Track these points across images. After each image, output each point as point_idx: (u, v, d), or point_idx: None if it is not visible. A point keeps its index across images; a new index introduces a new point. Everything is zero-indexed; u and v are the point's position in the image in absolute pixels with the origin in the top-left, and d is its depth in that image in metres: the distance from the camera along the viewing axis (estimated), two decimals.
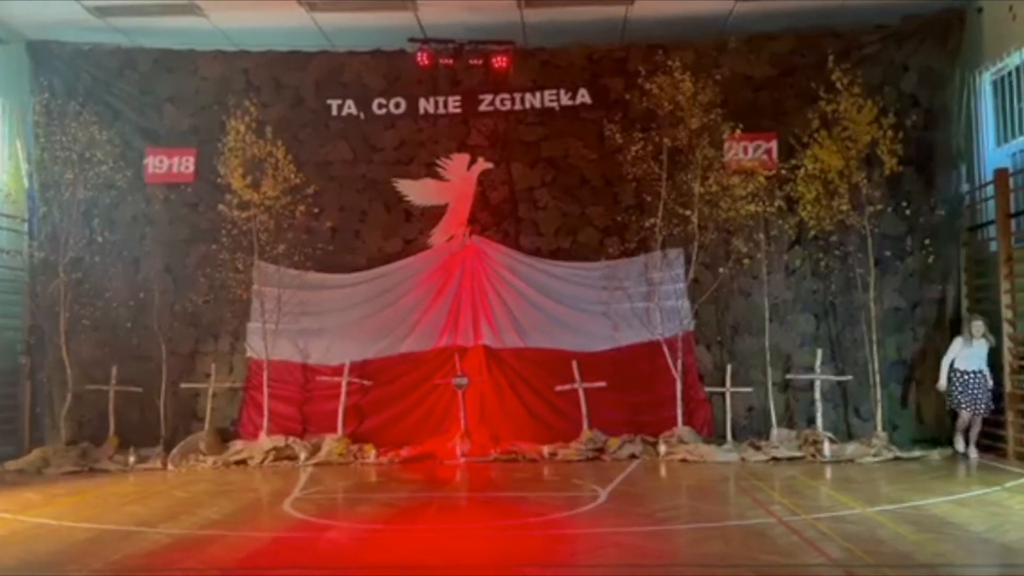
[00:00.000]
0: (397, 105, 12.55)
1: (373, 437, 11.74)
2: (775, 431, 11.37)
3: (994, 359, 10.64)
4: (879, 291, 11.45)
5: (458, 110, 12.54)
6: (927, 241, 11.65)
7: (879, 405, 11.15)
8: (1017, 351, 10.48)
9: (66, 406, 11.64)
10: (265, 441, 11.54)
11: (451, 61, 12.16)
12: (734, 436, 11.45)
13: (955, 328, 11.25)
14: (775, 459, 10.78)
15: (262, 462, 11.30)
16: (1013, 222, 10.66)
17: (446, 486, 10.20)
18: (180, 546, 6.82)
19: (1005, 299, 10.57)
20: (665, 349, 11.68)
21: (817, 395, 11.38)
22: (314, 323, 12.22)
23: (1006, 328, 10.54)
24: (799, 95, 11.71)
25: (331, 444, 11.48)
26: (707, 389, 11.84)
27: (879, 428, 11.06)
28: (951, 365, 10.69)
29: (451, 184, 12.54)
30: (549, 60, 12.56)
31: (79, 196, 11.89)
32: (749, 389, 11.70)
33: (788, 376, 11.77)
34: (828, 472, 10.11)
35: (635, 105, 11.97)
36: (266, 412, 11.73)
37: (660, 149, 11.62)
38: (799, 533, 6.80)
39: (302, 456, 11.31)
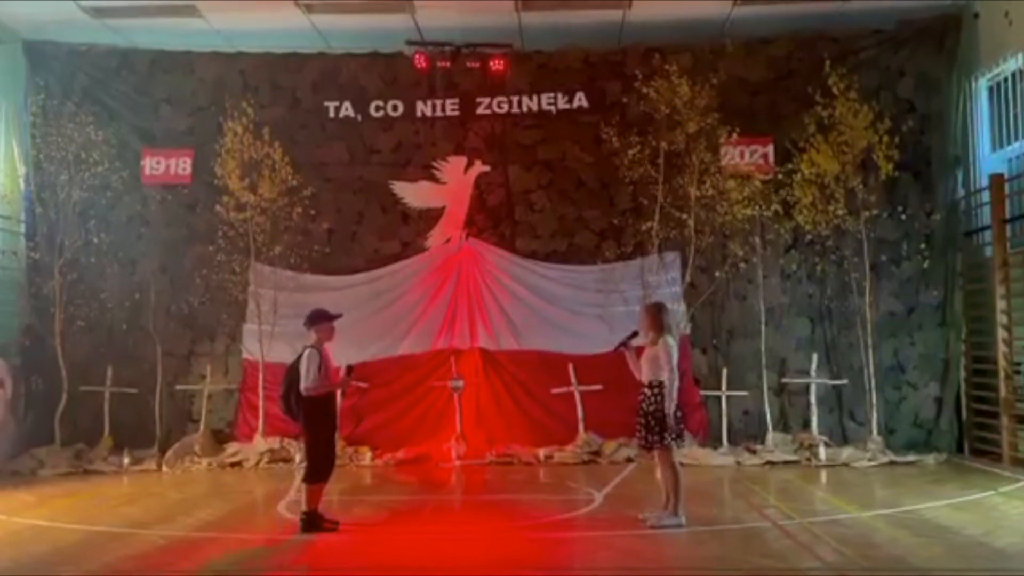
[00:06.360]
0: (394, 107, 12.53)
1: (369, 439, 11.73)
2: (770, 435, 11.39)
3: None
4: (875, 295, 11.46)
5: (455, 113, 12.52)
6: (923, 246, 11.68)
7: (874, 409, 11.16)
8: (1011, 355, 10.49)
9: (60, 407, 11.61)
10: (260, 443, 11.52)
11: (448, 64, 12.14)
12: (729, 440, 11.44)
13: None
14: (770, 463, 10.80)
15: (257, 464, 11.30)
16: (1008, 227, 10.68)
17: (442, 489, 10.19)
18: (174, 548, 6.82)
19: (1000, 304, 10.58)
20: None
21: (812, 399, 11.38)
22: None
23: (1001, 333, 10.55)
24: (796, 99, 11.71)
25: None
26: (702, 393, 11.84)
27: (874, 432, 11.07)
28: None
29: (448, 187, 12.54)
30: (546, 63, 12.56)
31: (75, 197, 11.87)
32: (744, 393, 11.70)
33: (783, 380, 11.78)
34: (823, 476, 10.12)
35: (632, 108, 11.97)
36: (261, 414, 11.69)
37: (657, 153, 11.62)
38: (794, 537, 6.81)
39: (297, 458, 11.26)
